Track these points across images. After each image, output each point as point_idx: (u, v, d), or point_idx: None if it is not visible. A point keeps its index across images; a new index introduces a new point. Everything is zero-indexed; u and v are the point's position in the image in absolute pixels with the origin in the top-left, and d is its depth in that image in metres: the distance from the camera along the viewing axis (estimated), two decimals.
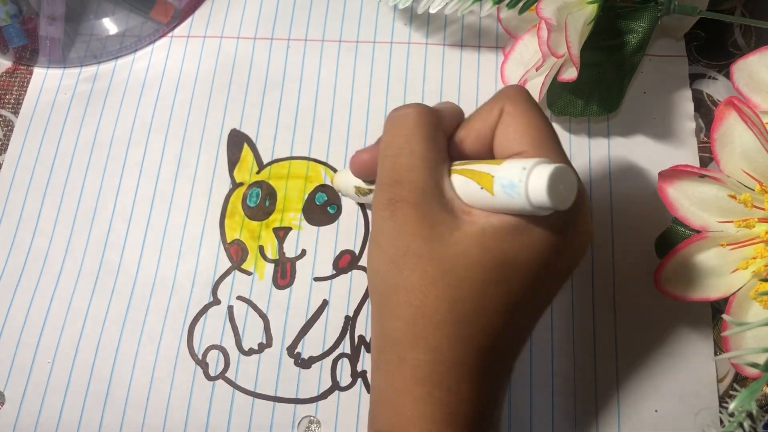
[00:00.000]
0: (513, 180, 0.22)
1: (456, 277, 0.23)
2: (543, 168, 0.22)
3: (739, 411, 0.22)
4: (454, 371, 0.24)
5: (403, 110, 0.26)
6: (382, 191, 0.25)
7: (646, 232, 0.36)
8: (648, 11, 0.36)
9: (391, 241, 0.25)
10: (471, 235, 0.24)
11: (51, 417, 0.34)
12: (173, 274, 0.37)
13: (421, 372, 0.24)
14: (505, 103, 0.26)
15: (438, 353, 0.24)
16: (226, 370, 0.35)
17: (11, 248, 0.38)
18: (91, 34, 0.42)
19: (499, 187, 0.23)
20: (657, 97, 0.40)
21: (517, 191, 0.22)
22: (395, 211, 0.24)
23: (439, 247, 0.24)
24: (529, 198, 0.22)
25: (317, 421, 0.34)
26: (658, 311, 0.35)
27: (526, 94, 0.26)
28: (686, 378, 0.34)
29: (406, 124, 0.26)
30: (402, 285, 0.24)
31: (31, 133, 0.41)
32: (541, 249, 0.24)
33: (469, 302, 0.23)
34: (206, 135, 0.40)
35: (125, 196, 0.39)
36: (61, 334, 0.36)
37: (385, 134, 0.27)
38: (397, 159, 0.25)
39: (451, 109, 0.27)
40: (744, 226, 0.29)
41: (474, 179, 0.24)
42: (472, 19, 0.43)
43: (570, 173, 0.22)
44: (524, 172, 0.22)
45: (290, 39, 0.43)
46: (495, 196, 0.23)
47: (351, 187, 0.34)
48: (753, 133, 0.28)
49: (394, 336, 0.24)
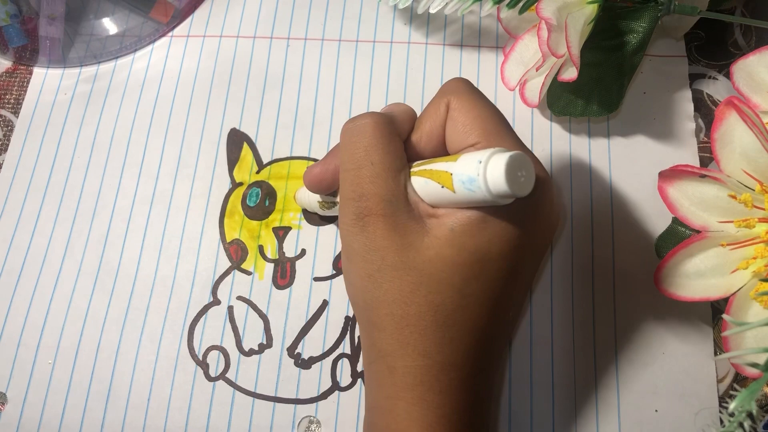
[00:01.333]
0: (471, 174, 0.22)
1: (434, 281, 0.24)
2: (498, 158, 0.22)
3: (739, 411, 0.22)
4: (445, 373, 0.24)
5: (358, 121, 0.26)
6: (348, 206, 0.25)
7: (646, 232, 0.36)
8: (648, 11, 0.36)
9: (365, 256, 0.25)
10: (441, 237, 0.24)
11: (53, 417, 0.34)
12: (173, 274, 0.37)
13: (412, 378, 0.24)
14: (449, 98, 0.26)
15: (427, 358, 0.24)
16: (226, 370, 0.35)
17: (10, 248, 0.38)
18: (91, 34, 0.42)
19: (459, 184, 0.23)
20: (657, 97, 0.40)
21: (476, 185, 0.22)
22: (365, 226, 0.24)
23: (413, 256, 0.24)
24: (490, 189, 0.22)
25: (317, 421, 0.34)
26: (658, 311, 0.35)
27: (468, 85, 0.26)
28: (686, 378, 0.34)
29: (363, 135, 0.25)
30: (382, 298, 0.24)
31: (31, 133, 0.41)
32: (511, 236, 0.24)
33: (450, 303, 0.24)
34: (206, 134, 0.40)
35: (125, 196, 0.39)
36: (61, 334, 0.36)
37: (343, 147, 0.26)
38: (359, 172, 0.25)
39: (403, 112, 0.27)
40: (744, 226, 0.29)
41: (433, 179, 0.24)
42: (472, 19, 0.43)
43: (525, 159, 0.22)
44: (480, 165, 0.22)
45: (290, 38, 0.43)
46: (456, 192, 0.23)
47: (314, 202, 0.34)
48: (753, 133, 0.28)
49: (382, 347, 0.25)
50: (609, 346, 0.35)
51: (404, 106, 0.28)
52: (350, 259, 0.25)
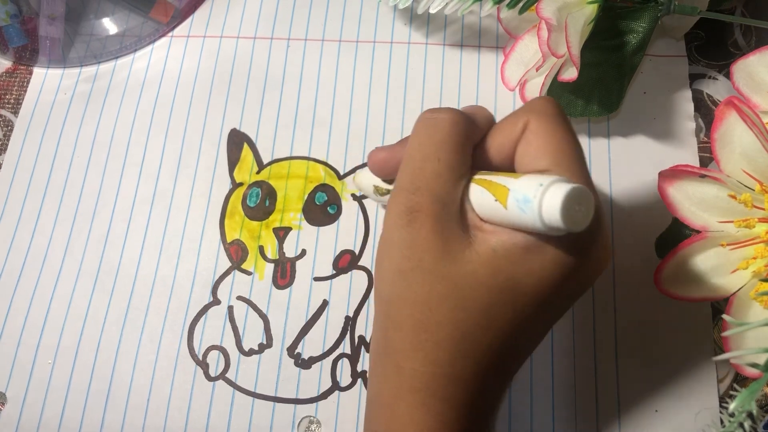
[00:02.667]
0: (528, 195, 0.21)
1: (462, 296, 0.23)
2: (560, 186, 0.21)
3: (739, 411, 0.22)
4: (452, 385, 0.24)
5: (438, 114, 0.25)
6: (401, 196, 0.25)
7: (646, 232, 0.36)
8: (648, 11, 0.36)
9: (403, 251, 0.24)
10: (482, 255, 0.23)
11: (53, 417, 0.34)
12: (173, 274, 0.37)
13: (418, 381, 0.24)
14: (530, 117, 0.25)
15: (437, 367, 0.23)
16: (226, 370, 0.35)
17: (11, 248, 0.38)
18: (91, 34, 0.42)
19: (513, 201, 0.22)
20: (657, 97, 0.40)
21: (530, 207, 0.21)
22: (412, 221, 0.24)
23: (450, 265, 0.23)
24: (542, 216, 0.21)
25: (317, 421, 0.34)
26: (658, 311, 0.35)
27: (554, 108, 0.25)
28: (686, 378, 0.34)
29: (439, 130, 0.25)
30: (408, 298, 0.24)
31: (30, 133, 0.41)
32: (552, 272, 0.23)
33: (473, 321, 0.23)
34: (206, 135, 0.40)
35: (125, 196, 0.39)
36: (61, 334, 0.36)
37: (415, 137, 0.26)
38: (424, 164, 0.24)
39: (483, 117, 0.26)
40: (744, 226, 0.29)
41: (490, 190, 0.23)
42: (472, 19, 0.43)
43: (587, 195, 0.21)
44: (540, 188, 0.21)
45: (290, 39, 0.43)
46: (508, 209, 0.22)
47: (370, 186, 0.33)
48: (753, 133, 0.28)
49: (394, 345, 0.24)
50: (609, 346, 0.35)
51: (485, 111, 0.27)
52: (387, 250, 0.25)
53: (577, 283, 0.24)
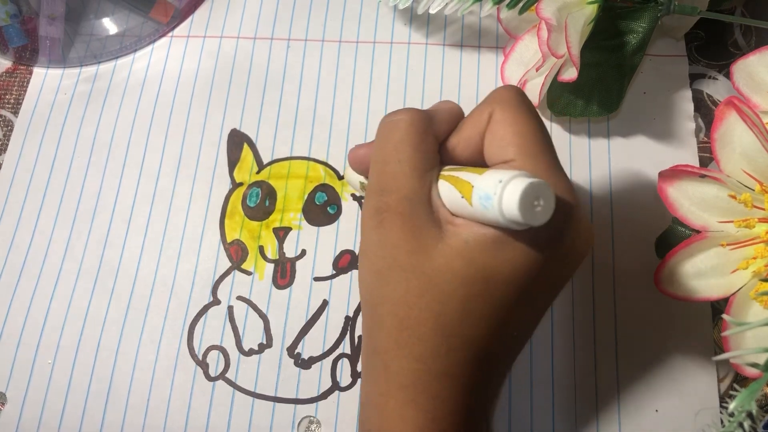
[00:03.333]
0: (488, 192, 0.22)
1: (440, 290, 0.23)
2: (517, 182, 0.21)
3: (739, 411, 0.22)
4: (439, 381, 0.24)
5: (395, 116, 0.26)
6: (370, 199, 0.25)
7: (646, 232, 0.36)
8: (648, 11, 0.36)
9: (378, 252, 0.24)
10: (454, 247, 0.23)
11: (53, 417, 0.34)
12: (173, 274, 0.37)
13: (404, 379, 0.24)
14: (494, 107, 0.25)
15: (422, 363, 0.23)
16: (226, 370, 0.35)
17: (11, 248, 0.38)
18: (91, 34, 0.42)
19: (476, 198, 0.22)
20: (657, 97, 0.40)
21: (491, 203, 0.21)
22: (382, 221, 0.24)
23: (424, 260, 0.23)
24: (503, 212, 0.21)
25: (317, 421, 0.34)
26: (658, 311, 0.35)
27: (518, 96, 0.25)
28: (686, 378, 0.34)
29: (396, 131, 0.25)
30: (387, 297, 0.24)
31: (30, 133, 0.41)
32: (524, 263, 0.23)
33: (453, 315, 0.23)
34: (206, 135, 0.40)
35: (125, 196, 0.39)
36: (61, 334, 0.36)
37: (376, 141, 0.26)
38: (385, 167, 0.25)
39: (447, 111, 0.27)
40: (744, 226, 0.29)
41: (456, 187, 0.24)
42: (472, 20, 0.43)
43: (545, 188, 0.21)
44: (500, 185, 0.21)
45: (290, 39, 0.43)
46: (473, 206, 0.23)
47: (357, 182, 0.33)
48: (753, 133, 0.28)
49: (379, 344, 0.25)
50: (609, 345, 0.35)
51: (450, 105, 0.27)
52: (364, 252, 0.25)
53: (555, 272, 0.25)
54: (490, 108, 0.25)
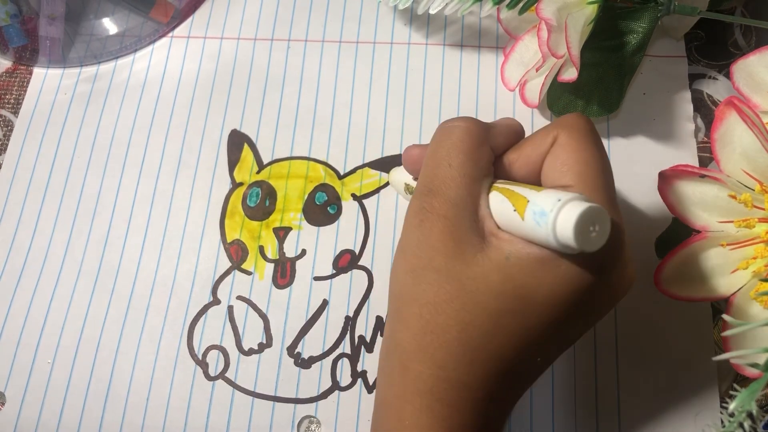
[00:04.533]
0: (545, 208, 0.21)
1: (471, 299, 0.23)
2: (577, 204, 0.21)
3: (739, 411, 0.22)
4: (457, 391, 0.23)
5: (453, 123, 0.26)
6: (416, 198, 0.25)
7: (646, 232, 0.36)
8: (648, 11, 0.36)
9: (415, 250, 0.24)
10: (494, 260, 0.23)
11: (51, 417, 0.34)
12: (173, 274, 0.37)
13: (423, 384, 0.23)
14: (559, 131, 0.25)
15: (442, 371, 0.23)
16: (226, 370, 0.35)
17: (11, 248, 0.38)
18: (91, 34, 0.42)
19: (530, 213, 0.22)
20: (657, 97, 0.40)
21: (545, 221, 0.21)
22: (424, 220, 0.24)
23: (460, 267, 0.23)
24: (555, 232, 0.21)
25: (317, 421, 0.34)
26: (658, 311, 0.35)
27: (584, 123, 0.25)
28: (686, 378, 0.34)
29: (451, 136, 0.25)
30: (417, 297, 0.24)
31: (30, 133, 0.41)
32: (564, 288, 0.23)
33: (480, 327, 0.23)
34: (206, 135, 0.40)
35: (125, 196, 0.39)
36: (61, 334, 0.36)
37: (431, 143, 0.26)
38: (436, 169, 0.25)
39: (507, 126, 0.27)
40: (744, 226, 0.29)
41: (510, 199, 0.23)
42: (472, 20, 0.43)
43: (604, 215, 0.21)
44: (558, 203, 0.21)
45: (290, 40, 0.43)
46: (525, 221, 0.22)
47: (402, 183, 0.33)
48: (753, 133, 0.28)
49: (401, 344, 0.24)
50: (609, 346, 0.35)
51: (512, 121, 0.27)
52: (402, 250, 0.25)
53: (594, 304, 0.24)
54: (556, 131, 0.25)
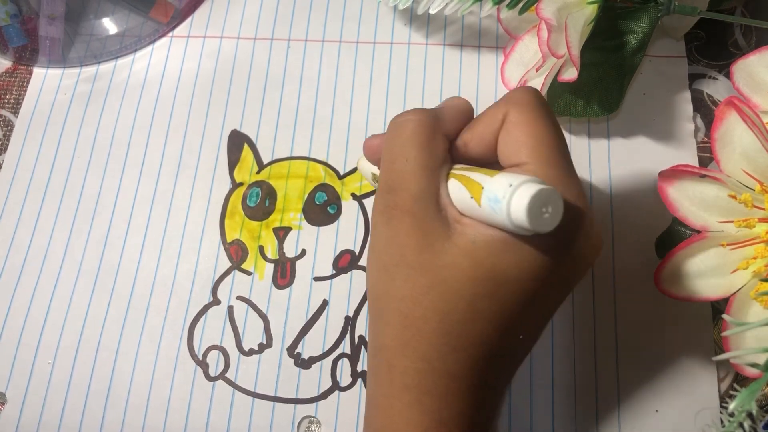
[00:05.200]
0: (498, 195, 0.22)
1: (446, 288, 0.23)
2: (526, 188, 0.21)
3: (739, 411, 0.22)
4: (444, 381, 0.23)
5: (404, 117, 0.26)
6: (379, 196, 0.25)
7: (646, 232, 0.36)
8: (648, 11, 0.36)
9: (385, 248, 0.25)
10: (461, 246, 0.23)
11: (52, 417, 0.34)
12: (173, 274, 0.37)
13: (409, 379, 0.24)
14: (509, 108, 0.25)
15: (427, 363, 0.23)
16: (226, 370, 0.35)
17: (11, 248, 0.38)
18: (91, 34, 0.42)
19: (485, 200, 0.22)
20: (657, 97, 0.40)
21: (499, 207, 0.21)
22: (390, 219, 0.24)
23: (431, 258, 0.23)
24: (510, 216, 0.21)
25: (317, 421, 0.34)
26: (658, 311, 0.35)
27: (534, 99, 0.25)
28: (686, 378, 0.34)
29: (404, 131, 0.25)
30: (394, 293, 0.24)
31: (31, 133, 0.41)
32: (532, 267, 0.23)
33: (459, 314, 0.23)
34: (206, 135, 0.40)
35: (125, 197, 0.39)
36: (61, 334, 0.36)
37: (385, 141, 0.26)
38: (393, 165, 0.25)
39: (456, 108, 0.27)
40: (744, 226, 0.29)
41: (467, 187, 0.24)
42: (472, 20, 0.43)
43: (555, 196, 0.21)
44: (509, 189, 0.21)
45: (290, 39, 0.43)
46: (481, 207, 0.23)
47: (369, 173, 0.33)
48: (753, 133, 0.28)
49: (384, 342, 0.24)
50: (609, 345, 0.35)
51: (459, 102, 0.27)
52: (373, 248, 0.25)
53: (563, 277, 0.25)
54: (506, 108, 0.25)
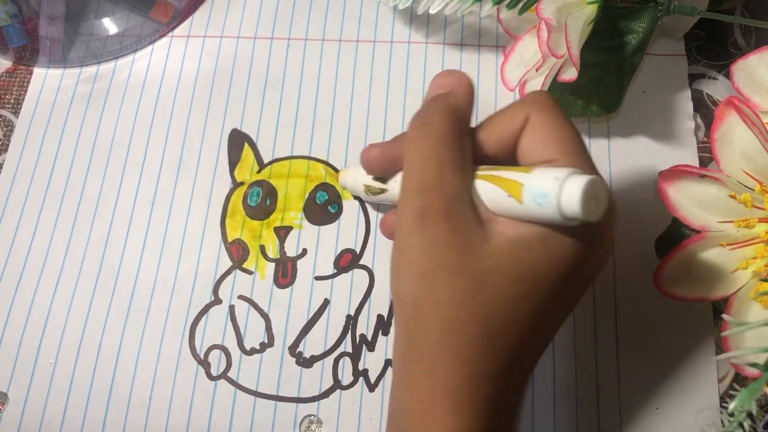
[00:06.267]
0: (545, 190, 0.21)
1: (488, 291, 0.23)
2: (576, 179, 0.21)
3: (739, 411, 0.22)
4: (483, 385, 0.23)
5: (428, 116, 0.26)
6: (410, 199, 0.25)
7: (646, 232, 0.36)
8: (648, 11, 0.36)
9: (421, 253, 0.24)
10: (501, 247, 0.23)
11: (54, 417, 0.34)
12: (174, 274, 0.37)
13: (450, 385, 0.23)
14: (531, 110, 0.25)
15: (469, 367, 0.23)
16: (227, 369, 0.35)
17: (11, 248, 0.38)
18: (91, 34, 0.42)
19: (529, 197, 0.22)
20: (657, 97, 0.40)
21: (548, 201, 0.21)
22: (426, 221, 0.24)
23: (471, 261, 0.23)
24: (562, 209, 0.21)
25: (319, 420, 0.34)
26: (658, 311, 0.35)
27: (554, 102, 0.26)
28: (687, 377, 0.34)
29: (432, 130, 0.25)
30: (433, 299, 0.23)
31: (31, 133, 0.41)
32: (569, 259, 0.23)
33: (501, 316, 0.23)
34: (207, 135, 0.40)
35: (126, 197, 0.39)
36: (62, 334, 0.36)
37: (411, 138, 0.26)
38: (426, 166, 0.24)
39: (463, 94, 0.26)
40: (744, 226, 0.30)
41: (501, 186, 0.23)
42: (472, 20, 0.43)
43: (602, 185, 0.22)
44: (557, 182, 0.21)
45: (290, 38, 0.43)
46: (523, 204, 0.22)
47: (359, 184, 0.33)
48: (753, 133, 0.28)
49: (422, 349, 0.24)
50: (610, 345, 0.35)
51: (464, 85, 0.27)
52: (404, 254, 0.24)
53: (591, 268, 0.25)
54: (527, 110, 0.25)
